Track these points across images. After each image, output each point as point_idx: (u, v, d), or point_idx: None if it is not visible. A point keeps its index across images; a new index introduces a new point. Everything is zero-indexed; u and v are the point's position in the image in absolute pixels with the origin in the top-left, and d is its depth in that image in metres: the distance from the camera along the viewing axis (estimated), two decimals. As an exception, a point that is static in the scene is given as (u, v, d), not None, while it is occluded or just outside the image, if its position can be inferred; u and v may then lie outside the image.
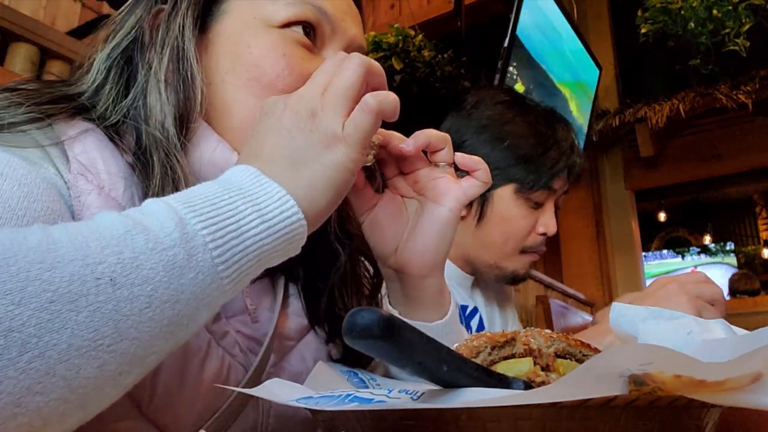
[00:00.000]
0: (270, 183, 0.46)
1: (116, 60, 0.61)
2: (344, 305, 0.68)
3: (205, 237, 0.41)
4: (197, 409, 0.54)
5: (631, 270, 3.61)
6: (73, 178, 0.52)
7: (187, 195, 0.44)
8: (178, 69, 0.58)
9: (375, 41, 3.29)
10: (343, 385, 0.58)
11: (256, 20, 0.60)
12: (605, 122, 3.46)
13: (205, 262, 0.40)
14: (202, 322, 0.42)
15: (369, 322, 0.31)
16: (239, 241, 0.43)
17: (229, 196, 0.44)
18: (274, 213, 0.45)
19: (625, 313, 0.51)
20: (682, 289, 0.87)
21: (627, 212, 3.71)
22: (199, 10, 0.61)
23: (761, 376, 0.30)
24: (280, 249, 0.46)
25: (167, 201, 0.43)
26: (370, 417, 0.39)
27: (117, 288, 0.36)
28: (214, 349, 0.57)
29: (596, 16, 3.91)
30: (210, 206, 0.43)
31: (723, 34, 2.88)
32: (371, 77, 0.53)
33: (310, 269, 0.70)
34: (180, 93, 0.58)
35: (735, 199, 8.01)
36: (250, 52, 0.59)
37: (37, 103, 0.55)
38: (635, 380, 0.31)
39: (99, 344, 0.35)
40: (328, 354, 0.69)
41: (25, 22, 2.00)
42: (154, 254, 0.39)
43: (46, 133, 0.54)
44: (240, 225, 0.43)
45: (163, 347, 0.40)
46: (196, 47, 0.60)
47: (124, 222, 0.40)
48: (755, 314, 3.43)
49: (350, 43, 0.65)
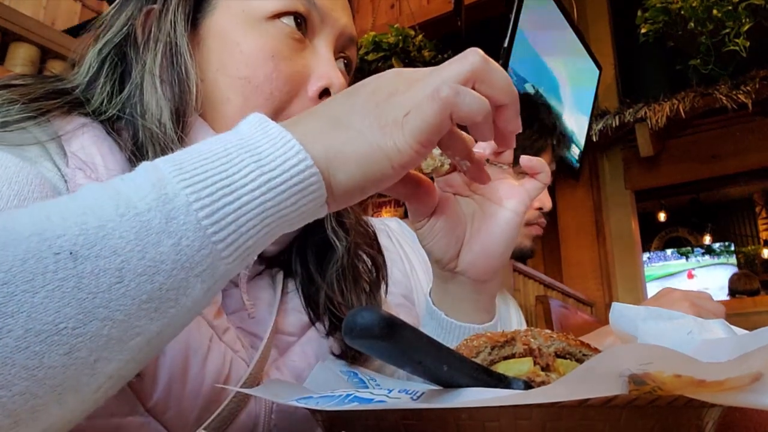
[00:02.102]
0: (275, 128, 0.40)
1: (109, 55, 0.61)
2: (344, 300, 0.67)
3: (188, 196, 0.36)
4: (200, 404, 0.54)
5: (631, 270, 3.61)
6: (71, 173, 0.52)
7: (181, 153, 0.39)
8: (172, 64, 0.58)
9: (375, 41, 3.29)
10: (343, 385, 0.58)
11: (245, 14, 0.60)
12: (605, 122, 3.46)
13: (188, 224, 0.35)
14: (199, 297, 0.37)
15: (369, 322, 0.31)
16: (234, 198, 0.37)
17: (224, 148, 0.39)
18: (276, 162, 0.39)
19: (625, 313, 0.51)
20: (685, 295, 0.88)
21: (627, 212, 3.71)
22: (190, 6, 0.61)
23: (761, 376, 0.30)
24: (291, 207, 0.39)
25: (156, 162, 0.38)
26: (370, 417, 0.39)
27: (79, 262, 0.32)
28: (216, 344, 0.56)
29: (596, 16, 3.91)
30: (200, 161, 0.38)
31: (723, 34, 2.88)
32: (486, 76, 0.45)
33: (307, 264, 0.69)
34: (175, 88, 0.57)
35: (735, 199, 8.01)
36: (240, 51, 0.59)
37: (31, 99, 0.54)
38: (635, 380, 0.31)
39: (62, 327, 0.31)
40: (330, 349, 0.68)
41: (25, 22, 2.00)
42: (123, 221, 0.34)
43: (45, 129, 0.53)
44: (234, 179, 0.37)
45: (150, 327, 0.35)
46: (189, 43, 0.59)
47: (97, 190, 0.36)
48: (755, 314, 3.43)
49: (341, 32, 0.65)
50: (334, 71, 0.62)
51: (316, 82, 0.61)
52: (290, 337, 0.66)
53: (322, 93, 0.62)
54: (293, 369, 0.63)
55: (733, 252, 7.74)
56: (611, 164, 3.79)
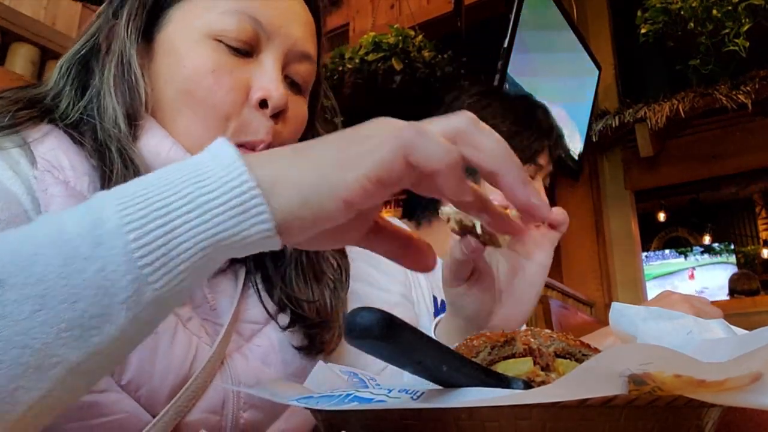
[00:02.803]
0: (229, 153, 0.38)
1: (74, 65, 0.67)
2: (303, 295, 0.71)
3: (122, 219, 0.35)
4: (170, 382, 0.59)
5: (630, 270, 3.61)
6: (41, 174, 0.57)
7: (135, 180, 0.38)
8: (123, 74, 0.64)
9: (375, 41, 3.28)
10: (343, 384, 0.58)
11: (193, 30, 0.65)
12: (605, 122, 3.46)
13: (117, 249, 0.34)
14: (126, 325, 0.35)
15: (369, 322, 0.31)
16: (166, 220, 0.35)
17: (171, 172, 0.37)
18: (217, 183, 0.36)
19: (625, 313, 0.51)
20: (684, 298, 0.89)
21: (627, 212, 3.71)
22: (141, 21, 0.66)
23: (761, 376, 0.30)
24: (231, 230, 0.37)
25: (102, 193, 0.37)
26: (370, 417, 0.39)
27: (6, 290, 0.32)
28: (181, 330, 0.62)
29: (596, 16, 3.90)
30: (144, 185, 0.36)
31: (723, 34, 2.88)
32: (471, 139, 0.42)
33: (264, 263, 0.72)
34: (126, 95, 0.63)
35: (735, 199, 8.01)
36: (183, 65, 0.64)
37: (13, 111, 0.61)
38: (635, 380, 0.32)
39: None
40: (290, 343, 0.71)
41: (25, 23, 2.00)
42: (54, 247, 0.34)
43: (12, 139, 0.60)
44: (169, 201, 0.36)
45: (69, 356, 0.33)
46: (144, 54, 0.66)
47: (48, 217, 0.36)
48: (755, 314, 3.43)
49: (291, 47, 0.68)
50: (274, 83, 0.65)
51: (255, 93, 0.65)
52: (255, 325, 0.70)
53: (263, 104, 0.65)
54: (258, 354, 0.68)
55: (733, 251, 7.74)
56: (611, 164, 3.79)
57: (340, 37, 4.23)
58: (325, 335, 0.73)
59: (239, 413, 0.64)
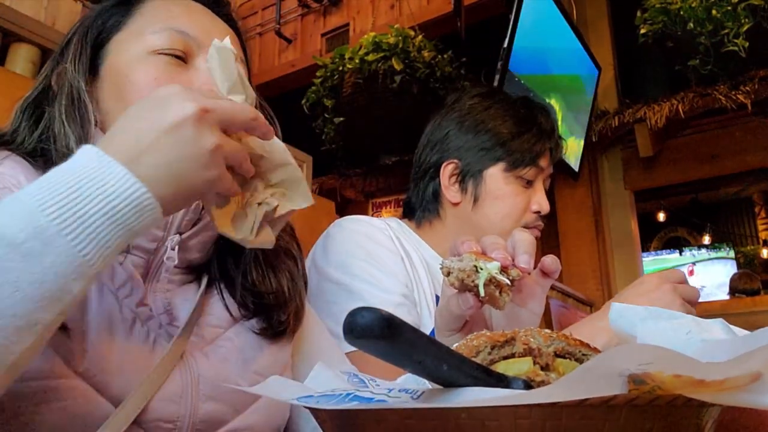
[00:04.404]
0: (111, 163, 0.53)
1: (29, 106, 0.76)
2: (261, 285, 0.79)
3: (59, 225, 0.50)
4: (128, 373, 0.64)
5: (630, 269, 3.61)
6: (0, 191, 0.64)
7: (41, 186, 0.51)
8: (73, 104, 0.72)
9: (375, 41, 3.29)
10: (343, 384, 0.58)
11: (132, 53, 0.75)
12: (604, 122, 3.46)
13: (62, 246, 0.49)
14: (80, 288, 0.51)
15: (369, 322, 0.32)
16: (89, 223, 0.51)
17: (76, 182, 0.52)
18: (116, 193, 0.52)
19: (625, 313, 0.51)
20: (675, 291, 0.89)
21: (626, 212, 3.71)
22: (87, 57, 0.76)
23: (761, 376, 0.30)
24: (132, 222, 0.53)
25: (24, 200, 0.50)
26: (370, 416, 0.39)
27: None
28: (138, 326, 0.68)
29: (596, 16, 3.91)
30: (58, 197, 0.51)
31: (722, 34, 2.88)
32: None
33: (226, 266, 0.80)
34: (77, 121, 0.71)
35: (734, 199, 8.01)
36: (129, 81, 0.73)
37: None
38: (635, 379, 0.32)
39: None
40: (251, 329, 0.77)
41: (25, 23, 2.00)
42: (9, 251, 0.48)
43: None
44: (86, 208, 0.51)
45: (44, 316, 0.49)
46: (92, 85, 0.75)
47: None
48: (755, 314, 3.43)
49: None
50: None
51: None
52: (217, 329, 0.76)
53: None
54: (220, 354, 0.74)
55: (732, 250, 7.75)
56: (611, 164, 3.79)
57: (340, 37, 4.23)
58: (282, 315, 0.80)
59: (197, 404, 0.69)
